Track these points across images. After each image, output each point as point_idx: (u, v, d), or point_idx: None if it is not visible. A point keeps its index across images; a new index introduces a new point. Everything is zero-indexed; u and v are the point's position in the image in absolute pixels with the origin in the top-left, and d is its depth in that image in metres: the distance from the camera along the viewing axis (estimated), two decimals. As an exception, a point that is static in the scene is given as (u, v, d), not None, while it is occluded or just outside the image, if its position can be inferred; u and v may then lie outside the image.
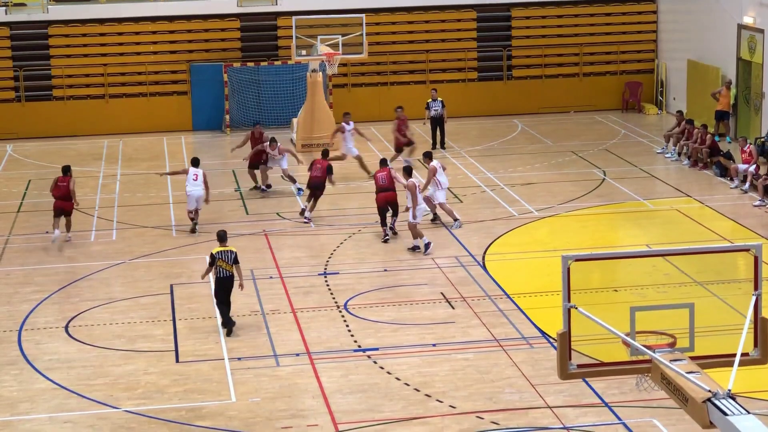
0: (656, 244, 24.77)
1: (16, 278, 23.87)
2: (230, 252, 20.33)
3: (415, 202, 24.69)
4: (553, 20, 40.40)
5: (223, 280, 20.34)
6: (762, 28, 33.13)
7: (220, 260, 20.25)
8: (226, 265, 20.26)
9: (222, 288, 20.42)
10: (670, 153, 33.02)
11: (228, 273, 20.30)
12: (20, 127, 37.75)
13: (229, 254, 20.30)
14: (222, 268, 20.27)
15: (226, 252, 20.33)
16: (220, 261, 20.25)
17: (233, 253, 20.34)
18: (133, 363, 19.26)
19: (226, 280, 20.34)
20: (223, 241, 20.60)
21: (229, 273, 20.31)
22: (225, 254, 20.30)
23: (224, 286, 20.39)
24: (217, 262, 20.26)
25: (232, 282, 20.37)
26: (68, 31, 38.37)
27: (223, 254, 20.29)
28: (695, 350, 12.26)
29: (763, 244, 12.15)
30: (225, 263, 20.24)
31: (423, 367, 18.76)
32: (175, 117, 38.30)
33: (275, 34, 39.24)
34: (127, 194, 30.34)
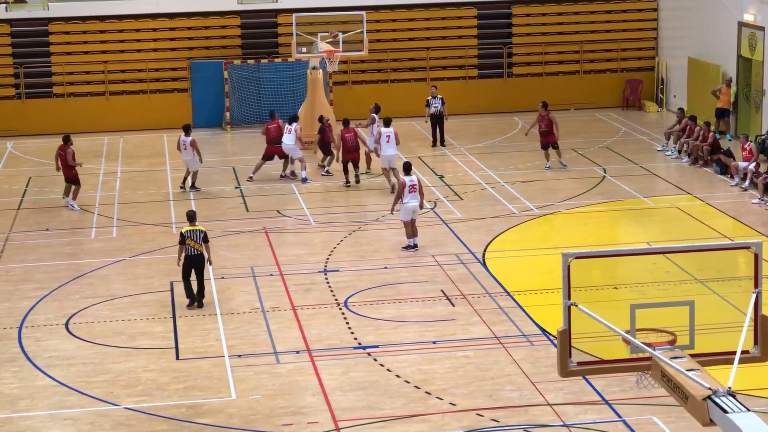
0: (657, 242, 24.79)
1: (16, 275, 23.88)
2: (199, 231, 21.48)
3: (398, 199, 24.58)
4: (554, 17, 40.40)
5: (192, 258, 21.40)
6: (762, 26, 33.12)
7: (189, 239, 21.36)
8: (194, 244, 21.37)
9: (191, 265, 21.46)
10: (671, 150, 33.02)
11: (197, 251, 21.39)
12: (20, 124, 37.76)
13: (198, 233, 21.44)
14: (191, 247, 21.36)
15: (194, 231, 21.47)
16: (189, 240, 21.35)
17: (202, 232, 21.50)
18: (134, 360, 19.27)
19: (195, 258, 21.40)
20: (192, 220, 21.72)
21: (197, 251, 21.39)
22: (194, 233, 21.42)
23: (193, 264, 21.44)
24: (187, 240, 21.36)
25: (201, 260, 21.45)
26: (69, 28, 38.37)
27: (191, 233, 21.42)
28: (695, 348, 12.27)
29: (763, 241, 12.15)
30: (194, 242, 21.36)
31: (423, 364, 18.77)
32: (176, 114, 38.25)
33: (276, 32, 39.24)
34: (127, 191, 30.35)
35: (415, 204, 24.56)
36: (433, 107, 34.48)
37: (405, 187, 24.47)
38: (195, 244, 21.36)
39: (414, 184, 24.54)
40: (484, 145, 34.94)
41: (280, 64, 37.97)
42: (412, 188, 24.50)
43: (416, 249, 24.55)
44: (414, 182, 24.57)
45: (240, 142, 36.37)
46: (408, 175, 24.77)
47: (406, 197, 24.47)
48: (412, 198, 24.50)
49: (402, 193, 24.48)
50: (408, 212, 24.54)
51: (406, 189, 24.46)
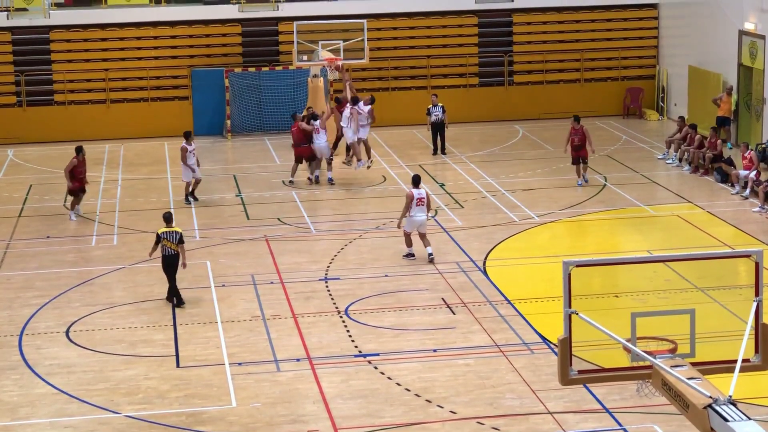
0: (657, 250, 24.79)
1: (17, 283, 23.88)
2: (175, 232, 22.09)
3: (406, 212, 24.24)
4: (555, 26, 40.44)
5: (167, 258, 22.07)
6: (763, 34, 33.14)
7: (165, 240, 22.00)
8: (170, 244, 21.99)
9: (167, 265, 22.13)
10: (671, 159, 33.03)
11: (172, 251, 22.02)
12: (21, 132, 37.79)
13: (174, 234, 22.05)
14: (167, 247, 22.00)
15: (171, 232, 22.08)
16: (165, 240, 22.00)
17: (178, 233, 22.10)
18: (134, 368, 19.26)
19: (170, 258, 22.05)
20: (168, 222, 22.31)
21: (173, 251, 22.01)
22: (170, 234, 22.05)
23: (169, 263, 22.09)
24: (163, 241, 22.01)
25: (175, 260, 22.05)
26: (70, 36, 38.41)
27: (168, 234, 22.04)
28: (696, 356, 12.26)
29: (764, 250, 12.15)
30: (170, 242, 21.99)
31: (424, 372, 18.76)
32: (177, 122, 38.28)
33: (276, 40, 39.27)
34: (128, 199, 30.35)
35: (422, 218, 24.29)
36: (434, 115, 34.48)
37: (413, 200, 24.14)
38: (171, 245, 21.96)
39: (422, 197, 24.23)
40: (485, 153, 34.95)
41: (281, 72, 37.99)
42: (419, 201, 24.18)
43: (413, 258, 24.43)
44: (422, 195, 24.26)
45: (241, 149, 36.38)
46: (417, 188, 24.42)
47: (413, 210, 24.16)
48: (419, 211, 24.20)
49: (409, 206, 24.18)
50: (413, 225, 24.33)
51: (413, 201, 24.14)
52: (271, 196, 30.15)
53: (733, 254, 13.37)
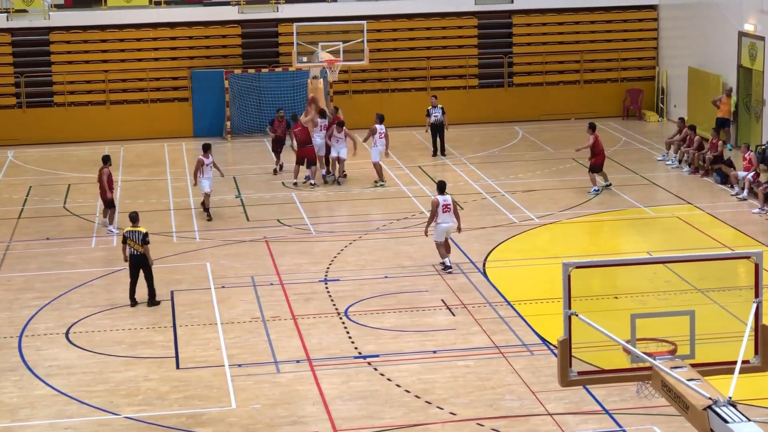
0: (657, 251, 24.79)
1: (16, 284, 23.88)
2: (138, 232, 21.98)
3: (432, 219, 23.83)
4: (554, 27, 40.44)
5: (132, 258, 21.98)
6: (763, 36, 33.14)
7: (129, 240, 21.94)
8: (135, 245, 21.92)
9: (134, 266, 22.01)
10: (671, 160, 33.03)
11: (138, 252, 21.94)
12: (21, 133, 37.78)
13: (137, 234, 21.96)
14: (132, 248, 21.94)
15: (135, 232, 22.01)
16: (129, 240, 21.94)
17: (141, 233, 21.94)
18: (134, 369, 19.26)
19: (135, 258, 21.95)
20: (134, 221, 22.31)
21: (138, 252, 21.93)
22: (134, 234, 21.98)
23: (135, 264, 21.98)
24: (128, 241, 21.95)
25: (142, 260, 21.97)
26: (69, 37, 38.40)
27: (132, 234, 22.00)
28: (696, 357, 12.27)
29: (763, 251, 12.15)
30: (134, 243, 21.91)
31: (423, 373, 18.76)
32: (176, 123, 38.32)
33: (276, 41, 39.27)
34: (128, 200, 30.34)
35: (449, 225, 23.78)
36: (434, 117, 34.48)
37: (439, 206, 23.66)
38: (135, 245, 21.89)
39: (448, 203, 23.70)
40: (485, 155, 34.95)
41: (281, 74, 38.00)
42: (446, 208, 23.68)
43: (451, 270, 23.76)
44: (448, 202, 23.73)
45: (240, 151, 36.38)
46: (442, 194, 23.91)
47: (440, 217, 23.69)
48: (446, 218, 23.68)
49: (435, 213, 23.75)
50: (441, 233, 23.82)
51: (440, 208, 23.66)
52: (271, 197, 30.15)
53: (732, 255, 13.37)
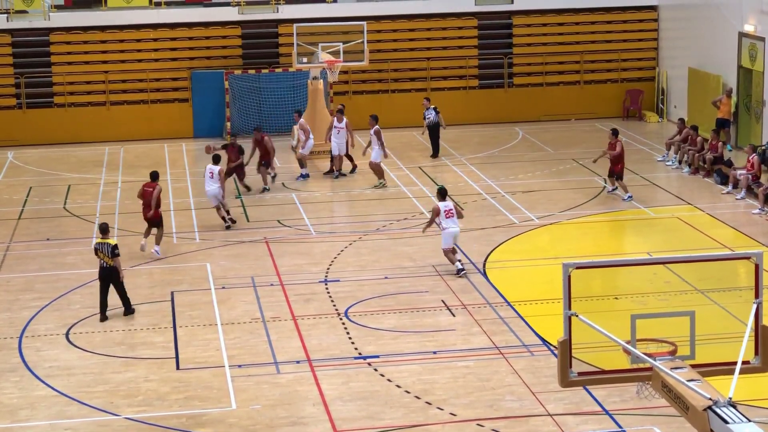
0: (657, 252, 24.79)
1: (16, 285, 23.88)
2: (107, 245, 21.44)
3: (431, 223, 23.85)
4: (554, 28, 40.45)
5: (103, 270, 21.52)
6: (763, 36, 33.15)
7: (99, 252, 21.50)
8: (104, 257, 21.44)
9: (104, 278, 21.56)
10: (671, 161, 33.03)
11: (107, 264, 21.44)
12: (21, 134, 37.79)
13: (106, 247, 21.43)
14: (102, 260, 21.49)
15: (104, 244, 21.49)
16: (99, 253, 21.50)
17: (110, 245, 21.41)
18: (134, 370, 19.26)
19: (104, 271, 21.50)
20: (104, 233, 21.78)
21: (108, 265, 21.43)
22: (103, 246, 21.47)
23: (105, 277, 21.54)
24: (98, 254, 21.53)
25: (111, 273, 21.46)
26: (70, 38, 38.41)
27: (101, 246, 21.51)
28: (696, 358, 12.27)
29: (763, 252, 12.15)
30: (104, 255, 21.43)
31: (423, 374, 18.76)
32: (176, 124, 38.34)
33: (276, 42, 39.29)
34: (128, 201, 30.34)
35: (455, 230, 23.60)
36: (428, 119, 34.40)
37: (440, 213, 23.52)
38: (104, 257, 21.41)
39: (450, 209, 23.57)
40: (485, 155, 34.95)
41: (281, 74, 38.01)
42: (448, 213, 23.54)
43: (464, 272, 23.58)
44: (449, 207, 23.60)
45: (241, 152, 36.32)
46: (443, 200, 23.81)
47: (445, 222, 23.49)
48: (451, 223, 23.52)
49: (436, 219, 23.66)
50: (449, 239, 23.58)
51: (442, 214, 23.50)
52: (270, 198, 30.15)
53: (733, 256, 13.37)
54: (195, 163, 35.23)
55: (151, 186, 25.50)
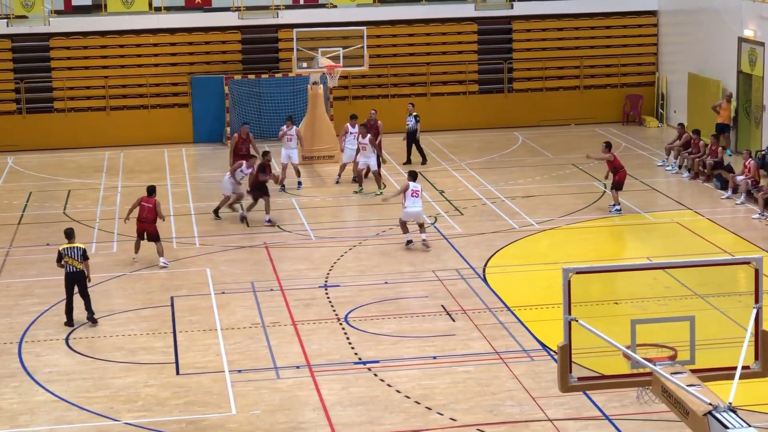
0: (657, 257, 24.78)
1: (16, 290, 23.87)
2: (78, 248, 21.49)
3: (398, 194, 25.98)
4: (554, 33, 40.47)
5: (71, 275, 21.47)
6: (762, 41, 33.17)
7: (67, 257, 21.42)
8: (73, 261, 21.40)
9: (71, 283, 21.49)
10: (671, 166, 33.04)
11: (76, 269, 21.42)
12: (21, 139, 37.79)
13: (76, 251, 21.47)
14: (70, 264, 21.41)
15: (72, 248, 21.52)
16: (67, 257, 21.42)
17: (81, 249, 21.49)
18: (134, 375, 19.25)
19: (74, 275, 21.45)
20: (70, 238, 21.69)
21: (77, 269, 21.41)
22: (72, 251, 21.48)
23: (74, 282, 21.47)
24: (65, 258, 21.42)
25: (81, 277, 21.47)
26: (69, 43, 38.42)
27: (69, 251, 21.48)
28: (696, 363, 12.28)
29: (763, 257, 12.15)
30: (72, 259, 21.39)
31: (423, 379, 18.75)
32: (176, 129, 38.33)
33: (276, 47, 39.30)
34: (127, 206, 30.25)
35: (416, 210, 25.46)
36: (408, 124, 34.15)
37: (408, 190, 25.33)
38: (74, 262, 21.36)
39: (416, 190, 25.50)
40: (485, 160, 34.95)
41: (281, 79, 38.02)
42: (414, 193, 25.42)
43: (412, 243, 25.73)
44: (417, 188, 25.58)
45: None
46: (414, 182, 25.66)
47: (408, 200, 25.34)
48: (413, 203, 25.37)
49: (404, 194, 25.45)
50: (408, 216, 25.60)
51: (408, 192, 25.31)
52: (270, 203, 30.10)
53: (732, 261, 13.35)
54: (194, 168, 35.24)
55: (149, 202, 25.20)
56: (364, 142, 30.99)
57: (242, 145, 30.64)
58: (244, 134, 30.84)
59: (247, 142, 30.76)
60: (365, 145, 30.99)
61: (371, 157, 31.00)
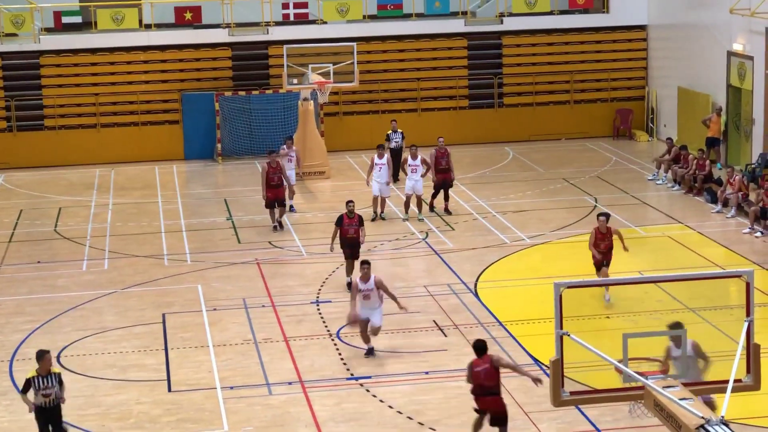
0: (648, 271, 24.80)
1: (7, 308, 23.82)
2: (54, 375, 16.09)
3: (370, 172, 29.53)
4: (544, 48, 40.53)
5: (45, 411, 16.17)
6: (751, 55, 33.26)
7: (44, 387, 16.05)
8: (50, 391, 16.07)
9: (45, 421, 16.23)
10: (662, 179, 33.08)
11: (51, 403, 16.11)
12: (12, 157, 37.74)
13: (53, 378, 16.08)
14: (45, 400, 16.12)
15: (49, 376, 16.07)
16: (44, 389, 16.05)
17: (57, 376, 16.12)
18: (126, 392, 19.21)
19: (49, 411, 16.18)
20: (42, 360, 16.13)
21: (52, 403, 16.11)
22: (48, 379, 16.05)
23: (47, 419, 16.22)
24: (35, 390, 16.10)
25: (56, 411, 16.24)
26: (60, 61, 38.42)
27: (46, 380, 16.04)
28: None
29: (754, 270, 12.17)
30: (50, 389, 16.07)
31: (416, 395, 18.73)
32: (167, 146, 38.32)
33: (266, 63, 39.32)
34: (119, 223, 30.32)
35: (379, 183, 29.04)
36: (394, 142, 33.78)
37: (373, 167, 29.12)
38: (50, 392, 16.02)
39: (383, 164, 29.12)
40: (476, 175, 34.97)
41: (271, 96, 38.04)
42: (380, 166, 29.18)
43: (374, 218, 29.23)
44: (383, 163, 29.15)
45: (231, 173, 36.38)
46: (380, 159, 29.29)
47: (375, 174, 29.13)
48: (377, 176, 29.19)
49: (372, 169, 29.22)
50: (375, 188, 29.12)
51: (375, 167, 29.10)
52: (261, 219, 30.09)
53: (724, 274, 13.38)
54: (185, 184, 35.22)
55: None
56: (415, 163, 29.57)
57: (273, 175, 28.69)
58: (274, 164, 28.80)
59: (277, 171, 28.76)
60: (415, 167, 29.61)
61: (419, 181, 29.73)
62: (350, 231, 24.08)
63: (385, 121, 38.82)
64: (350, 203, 24.63)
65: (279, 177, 28.79)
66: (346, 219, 24.21)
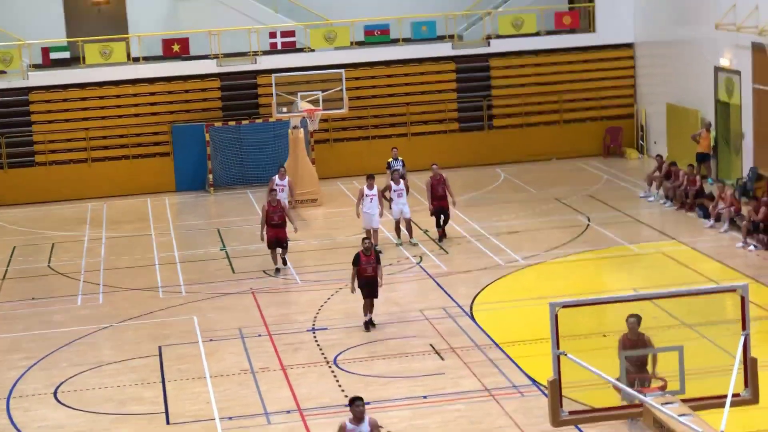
0: (643, 288, 24.80)
1: (3, 345, 23.77)
2: None
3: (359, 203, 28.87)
4: (532, 69, 40.63)
5: None
6: (738, 70, 33.37)
7: None
8: None
9: None
10: (654, 196, 33.13)
11: None
12: (3, 193, 37.72)
13: None
14: None
15: None
16: None
17: None
18: (124, 426, 19.16)
19: None
20: None
21: None
22: None
23: None
24: None
25: None
26: (49, 96, 38.45)
27: None
28: (686, 393, 12.27)
29: (749, 284, 12.18)
30: None
31: (415, 419, 18.70)
32: (159, 178, 38.32)
33: (255, 92, 39.38)
34: (112, 257, 30.29)
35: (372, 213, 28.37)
36: (394, 170, 33.67)
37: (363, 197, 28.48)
38: None
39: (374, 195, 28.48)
40: (468, 198, 34.99)
41: (261, 125, 38.08)
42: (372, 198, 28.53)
43: None
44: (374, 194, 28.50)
45: (224, 203, 36.39)
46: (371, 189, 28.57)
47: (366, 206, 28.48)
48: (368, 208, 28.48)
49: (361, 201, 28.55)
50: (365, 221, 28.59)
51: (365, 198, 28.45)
52: (255, 249, 30.07)
53: (719, 289, 13.36)
54: (178, 216, 35.21)
55: None
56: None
57: (273, 214, 27.57)
58: (274, 203, 27.76)
59: (278, 210, 27.72)
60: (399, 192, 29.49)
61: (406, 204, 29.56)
62: (368, 270, 23.11)
63: (376, 146, 38.93)
64: (366, 240, 23.65)
65: (280, 216, 27.78)
66: (362, 257, 23.17)
